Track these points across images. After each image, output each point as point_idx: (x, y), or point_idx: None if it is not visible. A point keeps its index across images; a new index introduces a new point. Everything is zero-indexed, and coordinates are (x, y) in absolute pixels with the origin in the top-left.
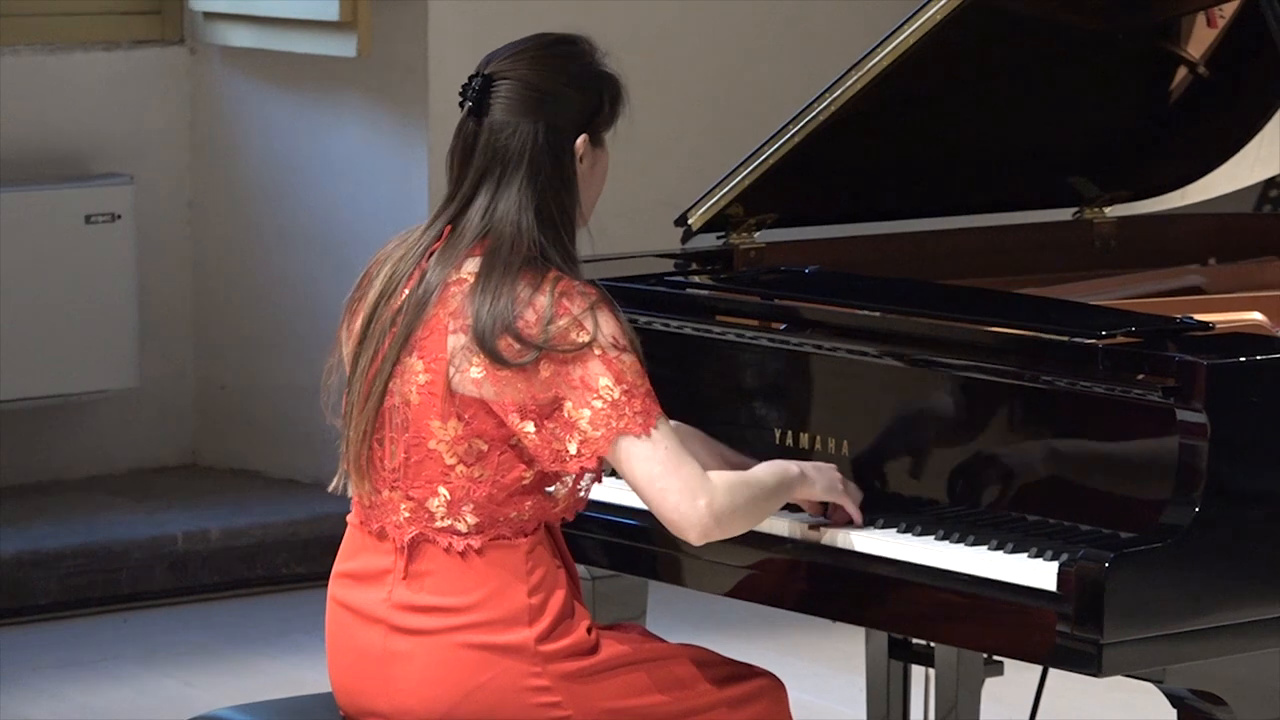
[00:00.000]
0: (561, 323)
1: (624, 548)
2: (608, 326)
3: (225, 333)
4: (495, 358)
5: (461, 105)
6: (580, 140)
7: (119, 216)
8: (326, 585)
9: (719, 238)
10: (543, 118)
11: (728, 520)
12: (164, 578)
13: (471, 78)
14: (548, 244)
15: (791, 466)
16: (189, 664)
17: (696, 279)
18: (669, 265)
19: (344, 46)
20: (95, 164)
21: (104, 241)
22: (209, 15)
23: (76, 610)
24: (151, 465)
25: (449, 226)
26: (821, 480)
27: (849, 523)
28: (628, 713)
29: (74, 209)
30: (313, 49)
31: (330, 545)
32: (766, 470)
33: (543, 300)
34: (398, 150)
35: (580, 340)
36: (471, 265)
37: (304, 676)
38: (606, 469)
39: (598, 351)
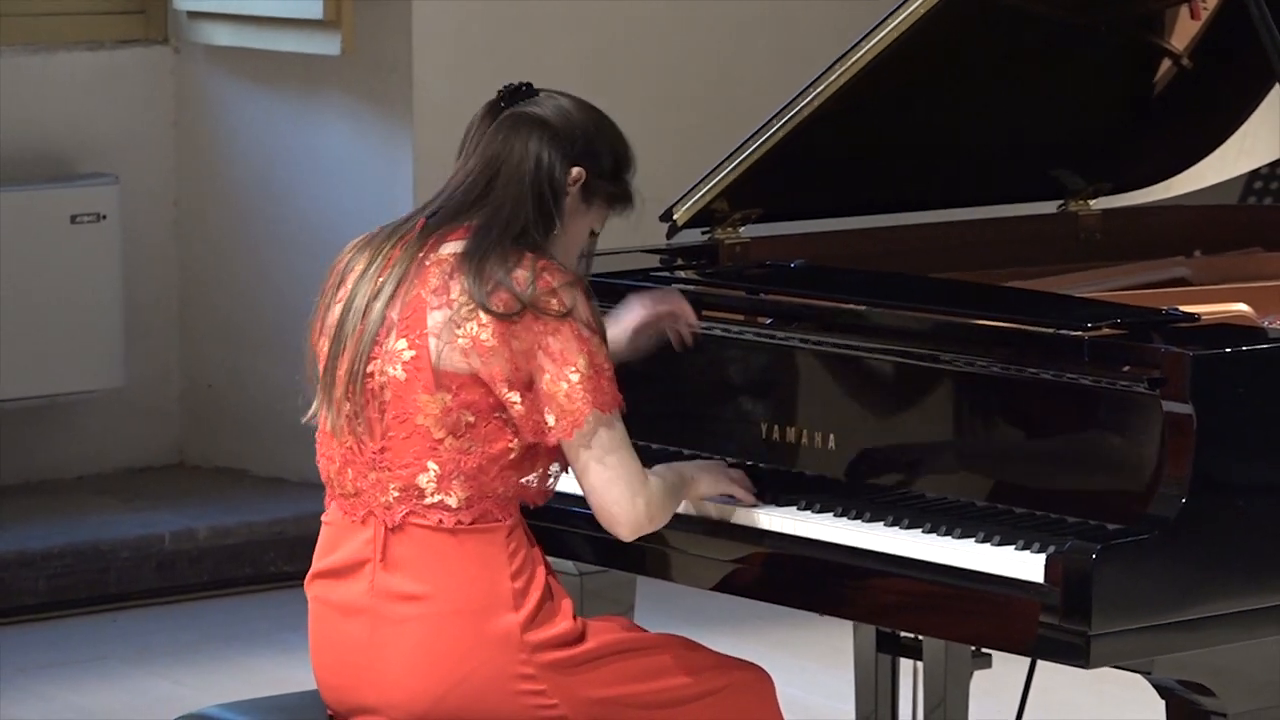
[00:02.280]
0: (543, 291)
1: (611, 542)
2: (582, 306)
3: (211, 332)
4: (487, 309)
5: (498, 94)
6: (575, 171)
7: (104, 216)
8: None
9: (704, 233)
10: (563, 138)
11: (655, 524)
12: (152, 577)
13: (516, 83)
14: (533, 231)
15: (680, 470)
16: (177, 663)
17: (682, 274)
18: (654, 260)
19: (328, 45)
20: (80, 164)
21: (89, 241)
22: (193, 14)
23: (64, 610)
24: (138, 465)
25: (423, 219)
26: (706, 479)
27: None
28: (613, 702)
29: (59, 209)
30: (297, 47)
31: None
32: (672, 474)
33: (524, 272)
34: (382, 148)
35: (558, 310)
36: (453, 246)
37: (292, 675)
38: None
39: (573, 325)
